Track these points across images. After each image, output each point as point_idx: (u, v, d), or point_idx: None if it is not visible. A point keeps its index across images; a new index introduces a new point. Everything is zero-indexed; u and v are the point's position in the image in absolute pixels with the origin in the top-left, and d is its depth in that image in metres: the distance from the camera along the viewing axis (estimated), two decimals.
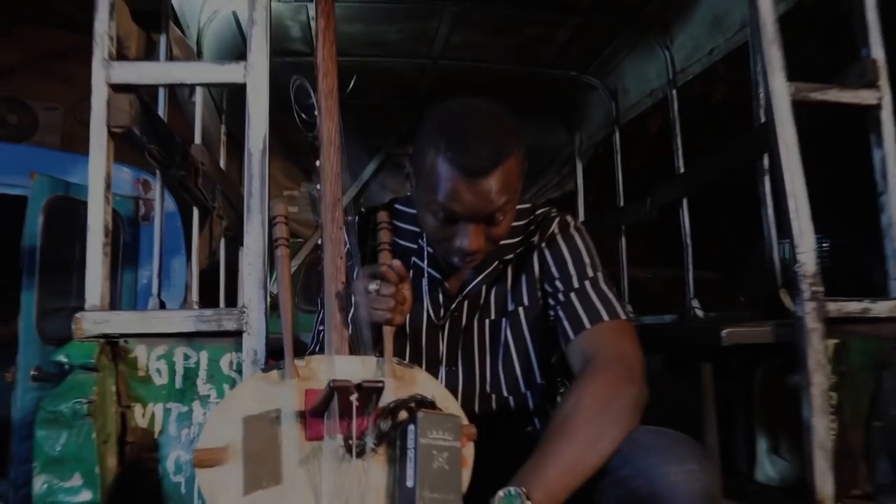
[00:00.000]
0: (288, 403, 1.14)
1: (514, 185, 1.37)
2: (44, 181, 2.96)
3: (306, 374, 1.19)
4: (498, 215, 1.36)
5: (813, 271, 1.69)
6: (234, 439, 1.09)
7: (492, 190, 1.32)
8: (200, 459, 1.05)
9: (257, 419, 1.10)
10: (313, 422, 1.13)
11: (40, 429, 1.36)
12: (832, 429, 1.74)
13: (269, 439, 1.09)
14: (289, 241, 1.30)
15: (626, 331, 1.39)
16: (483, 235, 1.37)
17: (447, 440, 1.09)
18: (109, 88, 1.54)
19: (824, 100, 1.84)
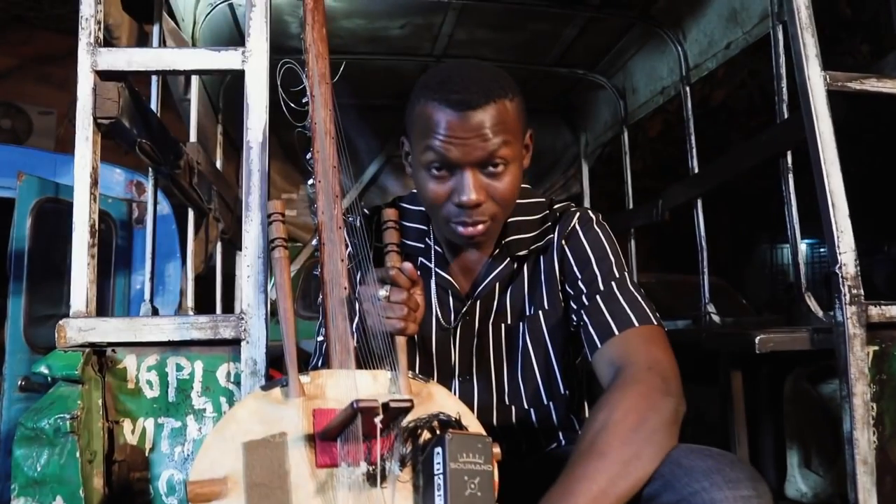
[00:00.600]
0: (294, 426, 1.02)
1: (512, 129, 1.30)
2: (32, 182, 2.84)
3: (313, 391, 1.06)
4: (496, 161, 1.28)
5: (853, 273, 1.58)
6: (235, 468, 0.96)
7: (484, 125, 1.25)
8: (196, 494, 0.92)
9: (260, 444, 0.98)
10: (324, 446, 1.00)
11: (19, 447, 1.24)
12: (873, 442, 1.62)
13: (274, 467, 0.97)
14: (287, 241, 1.18)
15: (659, 337, 1.28)
16: (483, 188, 1.29)
17: (478, 464, 0.97)
18: (96, 75, 1.43)
19: (863, 90, 1.74)
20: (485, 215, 1.31)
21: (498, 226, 1.37)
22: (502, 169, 1.29)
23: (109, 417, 1.35)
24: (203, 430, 1.38)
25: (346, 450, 0.99)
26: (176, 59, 1.47)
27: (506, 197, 1.32)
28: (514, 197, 1.35)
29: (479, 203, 1.29)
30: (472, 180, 1.28)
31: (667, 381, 1.15)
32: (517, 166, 1.33)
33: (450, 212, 1.32)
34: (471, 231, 1.32)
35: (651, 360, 1.20)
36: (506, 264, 1.43)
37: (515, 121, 1.31)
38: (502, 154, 1.28)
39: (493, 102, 1.26)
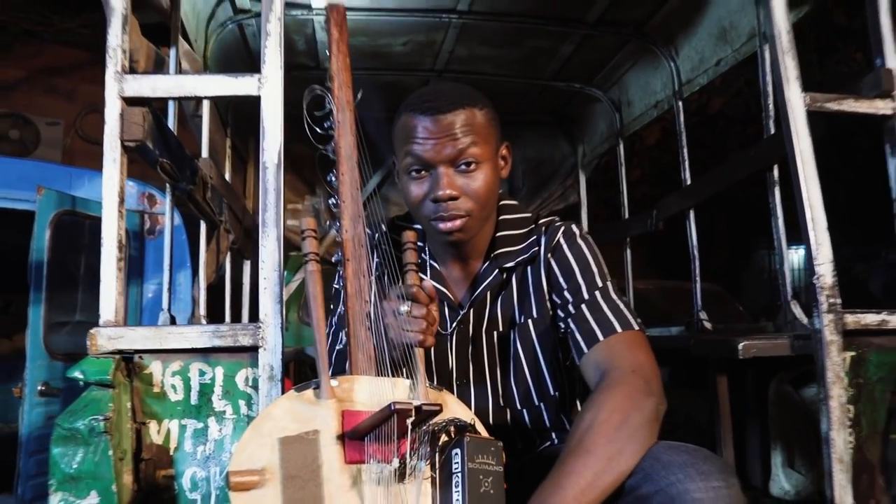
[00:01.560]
0: (326, 424, 1.12)
1: (481, 133, 1.44)
2: (51, 196, 2.95)
3: (342, 394, 1.16)
4: (467, 159, 1.42)
5: (831, 283, 1.68)
6: (271, 461, 1.06)
7: (454, 126, 1.41)
8: (236, 483, 1.03)
9: (294, 440, 1.08)
10: (353, 444, 1.10)
11: (56, 446, 1.34)
12: (850, 442, 1.72)
13: (308, 462, 1.07)
14: (319, 255, 1.28)
15: (641, 342, 1.38)
16: (457, 185, 1.42)
17: (491, 465, 1.08)
18: (122, 102, 1.53)
19: (840, 110, 1.84)
20: (460, 210, 1.43)
21: (475, 223, 1.47)
22: (474, 167, 1.43)
23: (137, 419, 1.45)
24: (223, 430, 1.48)
25: (373, 448, 1.10)
26: (196, 86, 1.58)
27: (479, 193, 1.44)
28: (488, 195, 1.46)
29: (454, 197, 1.42)
30: (445, 177, 1.42)
31: (648, 383, 1.25)
32: (490, 167, 1.45)
33: (429, 209, 1.45)
34: (449, 226, 1.44)
35: (634, 363, 1.30)
36: (495, 275, 1.53)
37: (484, 126, 1.45)
38: (472, 153, 1.42)
39: (461, 108, 1.42)
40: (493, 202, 1.50)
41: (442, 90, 1.49)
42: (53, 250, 2.95)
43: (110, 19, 1.57)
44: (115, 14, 1.56)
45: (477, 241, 1.52)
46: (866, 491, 1.76)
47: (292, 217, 4.02)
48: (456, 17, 2.85)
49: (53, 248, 2.95)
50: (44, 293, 2.94)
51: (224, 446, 1.48)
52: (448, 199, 1.41)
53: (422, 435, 1.11)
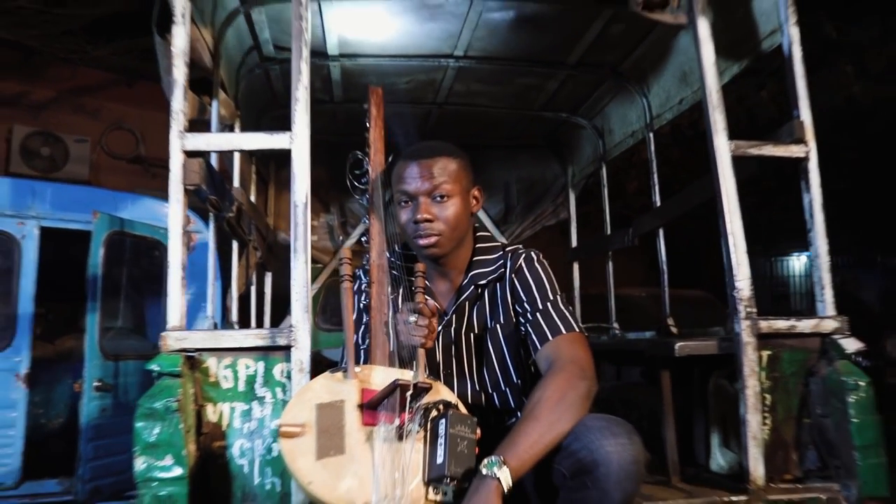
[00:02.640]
0: (350, 397, 1.54)
1: (453, 176, 1.87)
2: (104, 218, 3.40)
3: (362, 377, 1.60)
4: (441, 193, 1.85)
5: (748, 295, 2.09)
6: (309, 419, 1.48)
7: (431, 168, 1.85)
8: (283, 432, 1.45)
9: (327, 406, 1.50)
10: (368, 412, 1.53)
11: (139, 421, 1.77)
12: (766, 425, 2.13)
13: (335, 421, 1.49)
14: (353, 276, 1.72)
15: (580, 340, 1.79)
16: (432, 210, 1.85)
17: (467, 434, 1.49)
18: (184, 155, 1.96)
19: (760, 154, 2.25)
20: (434, 230, 1.85)
21: (446, 241, 1.88)
22: (445, 199, 1.85)
23: (198, 402, 1.87)
24: (264, 411, 1.91)
25: (382, 416, 1.52)
26: (241, 141, 2.02)
27: (448, 219, 1.86)
28: (457, 222, 1.88)
29: (429, 220, 1.84)
30: (423, 205, 1.85)
31: (583, 370, 1.66)
32: (459, 201, 1.88)
33: (412, 229, 1.88)
34: (425, 242, 1.86)
35: (573, 356, 1.71)
36: (472, 290, 1.94)
37: (456, 172, 1.88)
38: (444, 189, 1.84)
39: (438, 157, 1.87)
40: (463, 228, 1.91)
41: (427, 145, 1.93)
42: (106, 265, 3.40)
43: (173, 89, 2.00)
44: (177, 86, 1.99)
45: (457, 262, 1.94)
46: (781, 465, 2.17)
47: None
48: (453, 60, 3.27)
49: (105, 263, 3.40)
50: (98, 303, 3.39)
51: (264, 423, 1.91)
52: (424, 220, 1.84)
53: (418, 409, 1.53)
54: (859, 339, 2.12)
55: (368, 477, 1.47)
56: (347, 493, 1.45)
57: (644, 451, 1.46)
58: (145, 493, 1.75)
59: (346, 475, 1.46)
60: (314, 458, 1.45)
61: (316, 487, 1.44)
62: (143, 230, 3.66)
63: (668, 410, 2.34)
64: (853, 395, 2.06)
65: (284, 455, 1.45)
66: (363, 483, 1.46)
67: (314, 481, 1.44)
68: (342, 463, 1.47)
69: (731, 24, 2.65)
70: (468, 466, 1.47)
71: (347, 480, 1.46)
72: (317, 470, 1.45)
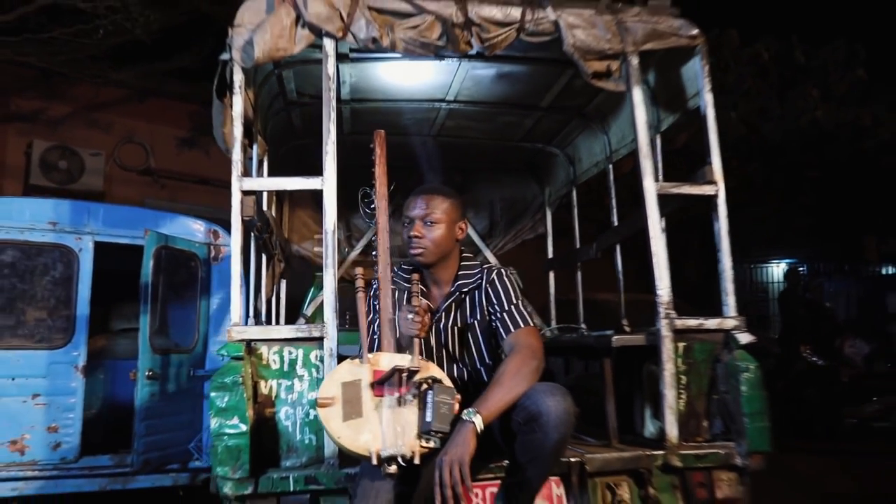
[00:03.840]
0: (365, 376, 2.18)
1: (442, 209, 2.53)
2: (153, 235, 4.07)
3: (374, 362, 2.23)
4: (429, 219, 2.51)
5: (667, 301, 2.76)
6: (337, 393, 2.12)
7: (427, 202, 2.53)
8: (319, 403, 2.09)
9: (349, 384, 2.14)
10: (378, 387, 2.16)
11: (214, 391, 2.41)
12: (682, 399, 2.80)
13: (355, 393, 2.12)
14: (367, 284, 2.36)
15: (534, 332, 2.45)
16: (421, 231, 2.51)
17: (448, 400, 2.12)
18: (242, 194, 2.61)
19: (680, 192, 2.92)
20: (421, 245, 2.52)
21: (430, 255, 2.53)
22: (432, 225, 2.51)
23: (254, 379, 2.52)
24: (302, 386, 2.55)
25: (388, 389, 2.14)
26: (285, 183, 2.69)
27: (434, 240, 2.52)
28: (439, 242, 2.52)
29: (419, 237, 2.51)
30: (416, 226, 2.52)
31: (535, 353, 2.31)
32: (444, 228, 2.52)
33: (407, 243, 2.55)
34: (414, 252, 2.53)
35: (528, 343, 2.36)
36: (457, 295, 2.59)
37: (446, 207, 2.54)
38: (433, 217, 2.51)
39: (435, 195, 2.55)
40: (445, 248, 2.54)
41: (430, 186, 2.62)
42: (155, 275, 4.07)
43: (233, 144, 2.66)
44: (237, 141, 2.65)
45: (447, 275, 2.58)
46: (694, 430, 2.83)
47: (318, 245, 5.07)
48: (445, 104, 3.93)
49: (155, 273, 4.07)
50: (149, 307, 4.04)
51: (303, 395, 2.56)
52: (415, 237, 2.51)
53: (412, 384, 2.17)
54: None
55: (379, 432, 2.10)
56: (365, 443, 2.09)
57: (574, 406, 2.12)
58: (218, 444, 2.39)
59: (363, 431, 2.11)
60: (341, 421, 2.09)
61: (343, 440, 2.09)
62: (182, 244, 4.33)
63: (608, 390, 3.00)
64: (745, 375, 2.73)
65: (321, 418, 2.10)
66: (376, 436, 2.10)
67: (342, 436, 2.09)
68: (361, 423, 2.11)
69: (667, 86, 3.34)
70: (449, 423, 2.12)
71: (365, 435, 2.10)
72: (343, 428, 2.10)
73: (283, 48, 2.68)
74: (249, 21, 2.70)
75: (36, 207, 4.28)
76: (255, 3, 2.74)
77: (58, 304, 4.19)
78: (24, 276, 4.13)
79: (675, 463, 2.69)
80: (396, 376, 2.18)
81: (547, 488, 2.57)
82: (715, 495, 2.73)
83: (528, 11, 2.87)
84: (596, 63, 2.95)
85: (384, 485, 2.11)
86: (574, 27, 2.88)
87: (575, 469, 2.61)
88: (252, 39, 2.64)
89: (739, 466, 2.73)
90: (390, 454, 2.05)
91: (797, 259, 14.97)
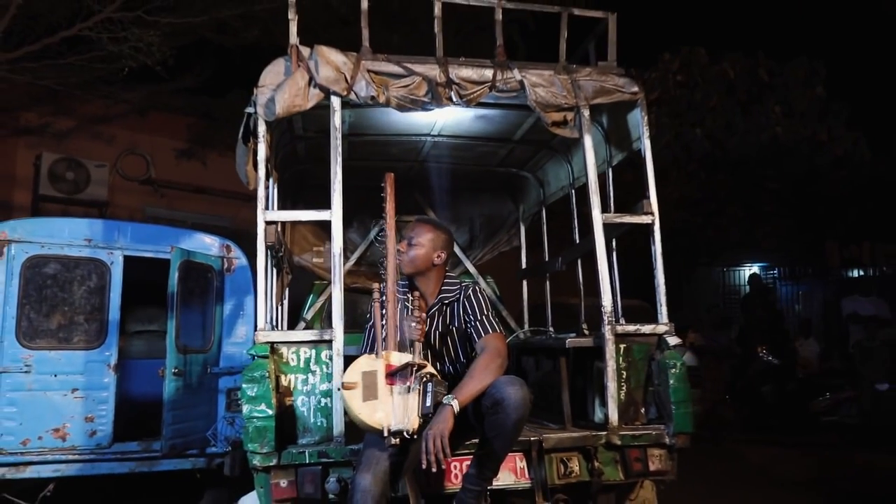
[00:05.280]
0: (380, 368, 2.76)
1: (427, 239, 3.13)
2: (178, 251, 4.68)
3: (386, 357, 2.80)
4: (413, 243, 3.11)
5: (610, 310, 3.40)
6: (358, 380, 2.71)
7: (415, 228, 3.18)
8: (345, 385, 2.70)
9: (368, 373, 2.74)
10: (390, 377, 2.75)
11: (245, 383, 3.01)
12: (623, 390, 3.43)
13: (372, 381, 2.72)
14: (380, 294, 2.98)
15: (500, 337, 3.07)
16: (405, 248, 3.11)
17: (442, 391, 2.72)
18: (265, 223, 3.22)
19: (622, 222, 3.57)
20: (401, 259, 3.10)
21: (407, 267, 3.12)
22: (414, 247, 3.12)
23: (276, 373, 3.14)
24: (315, 379, 3.16)
25: (398, 380, 2.73)
26: (299, 215, 3.31)
27: (411, 257, 3.12)
28: (416, 261, 3.11)
29: (401, 251, 3.10)
30: (402, 243, 3.11)
31: (500, 353, 2.92)
32: (423, 251, 3.11)
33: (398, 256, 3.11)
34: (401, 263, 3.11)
35: (495, 346, 2.97)
36: (439, 306, 3.18)
37: (431, 237, 3.13)
38: (415, 241, 3.11)
39: (423, 224, 3.18)
40: (421, 266, 3.12)
41: (425, 217, 3.28)
42: (180, 285, 4.68)
43: (258, 183, 3.27)
44: (261, 181, 3.26)
45: (429, 290, 3.18)
46: (633, 416, 3.48)
47: (317, 256, 5.68)
48: (430, 137, 4.55)
49: (180, 284, 4.68)
50: (175, 313, 4.65)
51: (316, 387, 3.17)
52: (399, 251, 3.09)
53: (416, 377, 2.77)
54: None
55: (390, 412, 2.71)
56: (378, 420, 2.69)
57: (530, 393, 2.75)
58: (249, 426, 3.00)
59: (378, 410, 2.71)
60: (361, 401, 2.70)
61: (363, 416, 2.69)
62: (200, 258, 4.95)
63: (564, 383, 3.64)
64: (672, 371, 3.37)
65: (344, 398, 2.72)
66: (387, 415, 2.70)
67: (362, 413, 2.70)
68: (376, 404, 2.72)
69: (616, 130, 3.99)
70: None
71: (379, 413, 2.71)
72: (362, 407, 2.71)
73: (299, 105, 3.29)
74: (271, 82, 3.32)
75: (73, 226, 4.90)
76: (276, 67, 3.35)
77: (92, 310, 4.80)
78: (64, 286, 4.73)
79: (615, 441, 3.32)
80: (407, 370, 2.77)
81: (511, 461, 3.20)
82: (648, 468, 3.36)
83: (499, 72, 3.50)
84: (554, 114, 3.58)
85: (382, 455, 2.72)
86: (536, 85, 3.51)
87: (534, 446, 3.24)
88: (274, 98, 3.25)
89: (668, 444, 3.37)
90: (398, 429, 2.65)
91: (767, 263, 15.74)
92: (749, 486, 6.21)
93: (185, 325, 4.79)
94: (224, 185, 10.20)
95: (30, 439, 4.59)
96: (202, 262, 4.95)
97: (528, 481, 3.23)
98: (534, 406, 2.85)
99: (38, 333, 4.72)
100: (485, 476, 2.86)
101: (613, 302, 3.53)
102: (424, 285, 3.20)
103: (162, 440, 4.60)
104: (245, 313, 5.22)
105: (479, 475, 2.85)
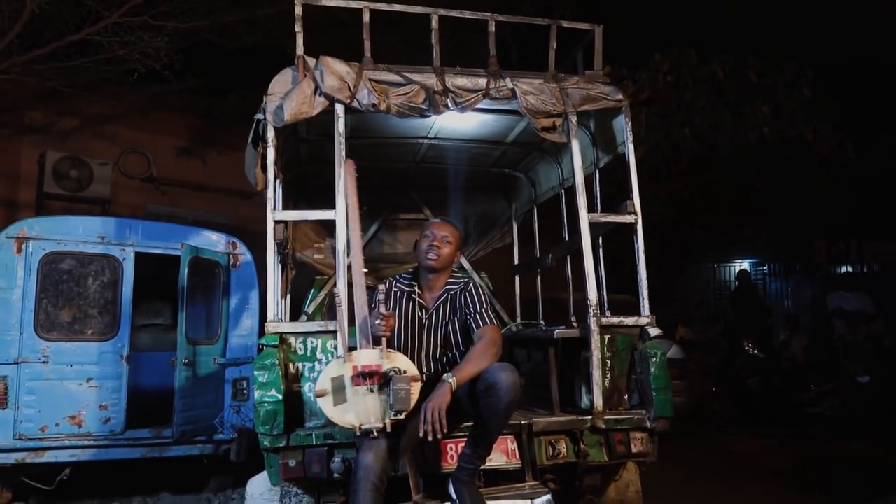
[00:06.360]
0: (347, 372, 2.98)
1: (456, 239, 3.43)
2: (188, 248, 4.92)
3: (353, 358, 3.02)
4: (447, 241, 3.37)
5: (595, 303, 3.65)
6: (328, 387, 2.94)
7: (447, 227, 3.43)
8: (317, 392, 2.93)
9: (336, 378, 2.96)
10: (356, 379, 2.96)
11: (256, 370, 3.26)
12: (607, 378, 3.68)
13: (341, 385, 2.95)
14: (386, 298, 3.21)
15: (496, 328, 3.32)
16: (440, 245, 3.35)
17: (405, 387, 2.92)
18: (274, 223, 3.46)
19: (607, 221, 3.82)
20: (439, 255, 3.35)
21: (440, 264, 3.38)
22: (450, 244, 3.38)
23: (285, 361, 3.38)
24: (321, 367, 3.40)
25: (364, 380, 2.94)
26: (306, 214, 3.55)
27: (448, 254, 3.39)
28: (448, 257, 3.39)
29: (438, 247, 3.34)
30: (438, 240, 3.35)
31: (495, 342, 3.17)
32: (451, 249, 3.39)
33: (426, 251, 3.35)
34: (430, 258, 3.35)
35: (491, 335, 3.21)
36: (445, 298, 3.44)
37: (458, 235, 3.42)
38: (449, 238, 3.38)
39: (452, 224, 3.48)
40: (448, 262, 3.40)
41: (448, 219, 3.52)
42: (189, 280, 4.92)
43: (268, 185, 3.50)
44: (270, 183, 3.50)
45: (441, 283, 3.42)
46: (617, 402, 3.73)
47: (318, 252, 5.91)
48: (427, 140, 4.79)
49: (189, 279, 4.92)
50: (185, 306, 4.89)
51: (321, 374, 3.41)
52: (435, 246, 3.33)
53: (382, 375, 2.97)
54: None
55: (359, 412, 2.94)
56: (349, 420, 2.94)
57: (520, 378, 3.00)
58: (261, 409, 3.24)
59: (348, 412, 2.96)
60: (332, 406, 2.95)
61: (335, 419, 2.95)
62: (207, 254, 5.20)
63: (553, 372, 3.89)
64: (653, 360, 3.63)
65: (319, 405, 2.97)
66: (357, 415, 2.94)
67: (333, 416, 2.95)
68: (346, 406, 2.96)
69: (603, 134, 4.24)
70: (406, 404, 2.92)
71: (349, 415, 2.95)
72: (334, 411, 2.95)
73: (305, 111, 3.53)
74: (279, 90, 3.56)
75: (88, 224, 5.15)
76: (283, 77, 3.60)
77: (106, 304, 5.05)
78: (79, 281, 4.98)
79: (600, 425, 3.57)
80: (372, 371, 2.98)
81: (503, 443, 3.45)
82: (631, 450, 3.62)
83: (492, 81, 3.74)
84: (544, 120, 3.83)
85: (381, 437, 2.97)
86: (527, 93, 3.75)
87: (525, 429, 3.49)
88: (282, 105, 3.49)
89: (649, 428, 3.62)
90: (367, 428, 2.90)
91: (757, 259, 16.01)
92: (735, 476, 6.45)
93: (194, 318, 5.03)
94: (224, 182, 10.43)
95: (48, 426, 4.85)
96: (209, 258, 5.20)
97: (518, 462, 3.48)
98: (524, 393, 3.11)
99: (55, 326, 4.97)
100: (479, 455, 3.11)
101: (599, 295, 3.78)
102: (438, 279, 3.45)
103: (173, 427, 4.85)
104: (250, 307, 5.48)
105: (473, 454, 3.10)
